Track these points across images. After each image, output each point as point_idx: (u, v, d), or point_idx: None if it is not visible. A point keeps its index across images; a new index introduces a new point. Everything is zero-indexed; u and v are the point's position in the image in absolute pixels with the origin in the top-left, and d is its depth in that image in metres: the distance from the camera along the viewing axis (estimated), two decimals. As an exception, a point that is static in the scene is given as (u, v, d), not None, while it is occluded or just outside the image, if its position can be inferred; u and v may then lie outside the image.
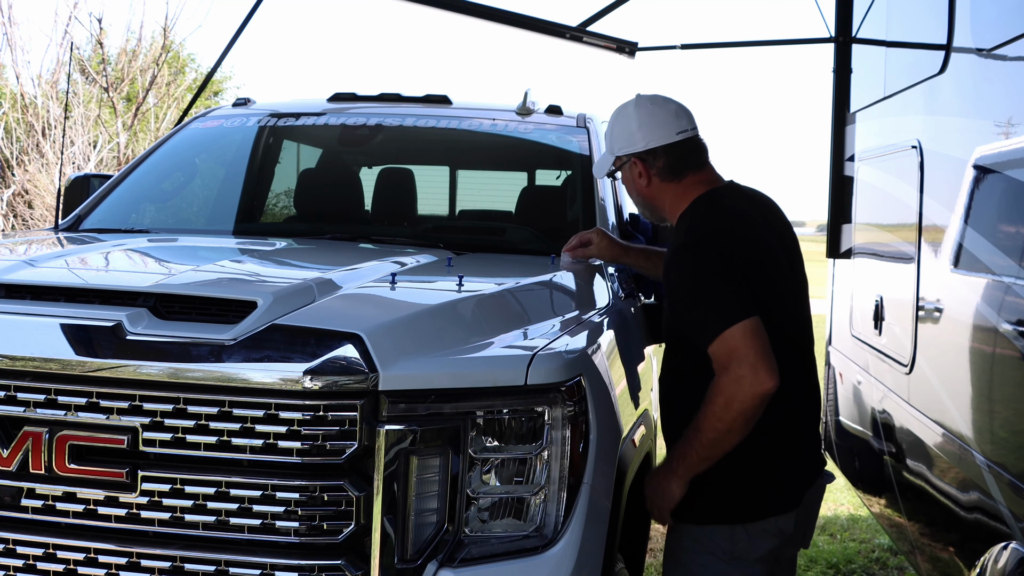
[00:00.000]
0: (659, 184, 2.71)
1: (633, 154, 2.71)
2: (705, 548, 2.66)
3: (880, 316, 4.26)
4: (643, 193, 2.75)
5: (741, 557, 2.64)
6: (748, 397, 2.43)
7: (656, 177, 2.71)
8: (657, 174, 2.71)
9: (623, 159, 2.75)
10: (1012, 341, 2.71)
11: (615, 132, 2.77)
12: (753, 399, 2.44)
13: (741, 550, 2.64)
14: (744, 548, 2.64)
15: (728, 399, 2.45)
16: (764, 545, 2.65)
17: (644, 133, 2.71)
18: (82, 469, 2.09)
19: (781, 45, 6.33)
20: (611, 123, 2.80)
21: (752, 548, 2.64)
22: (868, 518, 6.15)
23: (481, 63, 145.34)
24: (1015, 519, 2.63)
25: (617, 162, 2.76)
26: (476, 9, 5.88)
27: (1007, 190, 2.90)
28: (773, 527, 2.65)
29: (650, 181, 2.72)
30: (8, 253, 2.90)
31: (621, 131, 2.75)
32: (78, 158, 13.99)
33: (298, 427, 2.04)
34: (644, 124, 2.72)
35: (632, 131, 2.72)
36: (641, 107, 2.75)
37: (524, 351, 2.23)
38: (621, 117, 2.77)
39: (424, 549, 2.10)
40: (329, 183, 4.26)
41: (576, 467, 2.23)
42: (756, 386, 2.42)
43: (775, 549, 2.69)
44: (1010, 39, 2.91)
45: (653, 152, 2.71)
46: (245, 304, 2.19)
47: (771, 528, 2.65)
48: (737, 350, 2.44)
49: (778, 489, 2.66)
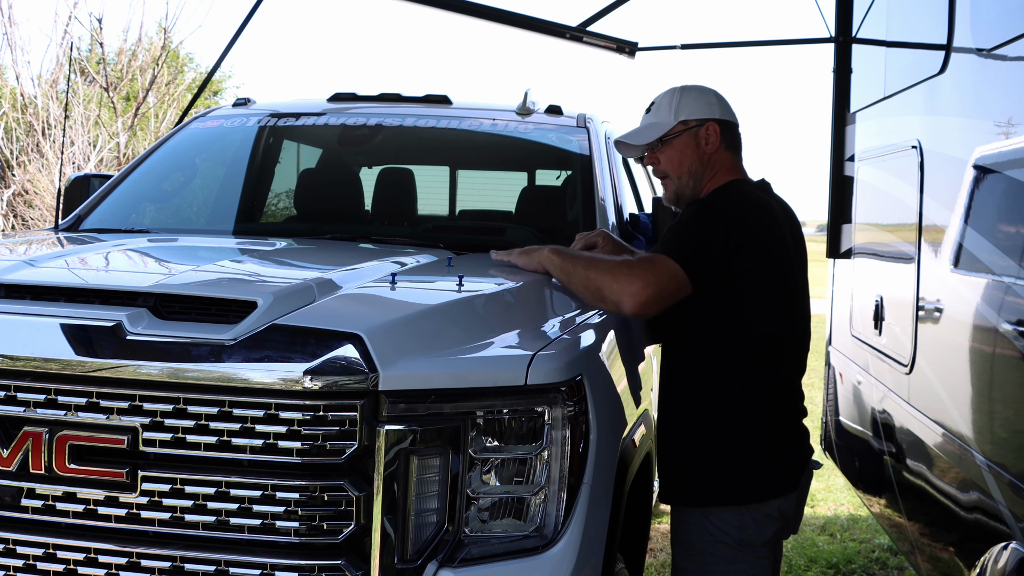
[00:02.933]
0: (722, 152, 2.90)
1: (712, 119, 2.90)
2: (715, 536, 2.72)
3: (880, 316, 4.26)
4: (704, 158, 2.89)
5: (750, 543, 2.72)
6: (604, 287, 2.62)
7: (722, 144, 2.90)
8: (724, 142, 2.91)
9: (691, 123, 2.89)
10: (1012, 341, 2.71)
11: (685, 101, 2.92)
12: (607, 294, 2.62)
13: (750, 535, 2.72)
14: (752, 533, 2.72)
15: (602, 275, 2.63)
16: (769, 529, 2.75)
17: (722, 106, 2.94)
18: (82, 469, 2.09)
19: (781, 45, 6.33)
20: (677, 95, 2.93)
21: (759, 533, 2.73)
22: (868, 518, 6.15)
23: (481, 63, 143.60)
24: (1015, 519, 2.63)
25: (680, 126, 2.89)
26: (476, 9, 5.88)
27: (1007, 190, 2.90)
28: (776, 510, 2.75)
29: (717, 147, 2.90)
30: (8, 253, 2.90)
31: (695, 100, 2.92)
32: (78, 158, 13.99)
33: (298, 427, 2.04)
34: (722, 101, 2.95)
35: (711, 102, 2.92)
36: (713, 89, 2.98)
37: (524, 351, 2.23)
38: (695, 91, 2.94)
39: (424, 549, 2.10)
40: (329, 183, 4.26)
41: (576, 467, 2.23)
42: (627, 296, 2.59)
43: (776, 533, 2.79)
44: (1010, 39, 2.91)
45: (727, 123, 2.92)
46: (245, 304, 2.19)
47: (774, 512, 2.74)
48: (653, 270, 2.61)
49: (780, 471, 2.77)
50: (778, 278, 2.76)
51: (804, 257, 2.94)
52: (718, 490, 2.73)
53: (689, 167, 2.90)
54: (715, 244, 2.65)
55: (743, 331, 2.71)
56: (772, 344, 2.75)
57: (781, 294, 2.77)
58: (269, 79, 39.11)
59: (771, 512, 2.75)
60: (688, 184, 2.92)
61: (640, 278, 2.59)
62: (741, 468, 2.72)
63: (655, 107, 2.96)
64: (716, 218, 2.69)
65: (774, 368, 2.76)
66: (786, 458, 2.79)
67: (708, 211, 2.73)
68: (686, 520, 2.79)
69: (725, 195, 2.80)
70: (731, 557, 2.73)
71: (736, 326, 2.71)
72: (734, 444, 2.71)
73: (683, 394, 2.81)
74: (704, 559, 2.75)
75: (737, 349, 2.72)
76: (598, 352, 2.54)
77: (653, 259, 2.65)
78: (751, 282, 2.69)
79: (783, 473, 2.78)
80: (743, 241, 2.67)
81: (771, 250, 2.74)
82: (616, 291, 2.61)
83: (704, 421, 2.75)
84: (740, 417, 2.72)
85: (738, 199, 2.78)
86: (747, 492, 2.73)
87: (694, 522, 2.77)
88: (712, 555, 2.74)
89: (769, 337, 2.74)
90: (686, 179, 2.92)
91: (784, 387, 2.79)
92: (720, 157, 2.90)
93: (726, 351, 2.73)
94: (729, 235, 2.66)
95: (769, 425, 2.75)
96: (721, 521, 2.72)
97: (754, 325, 2.72)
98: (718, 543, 2.73)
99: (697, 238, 2.67)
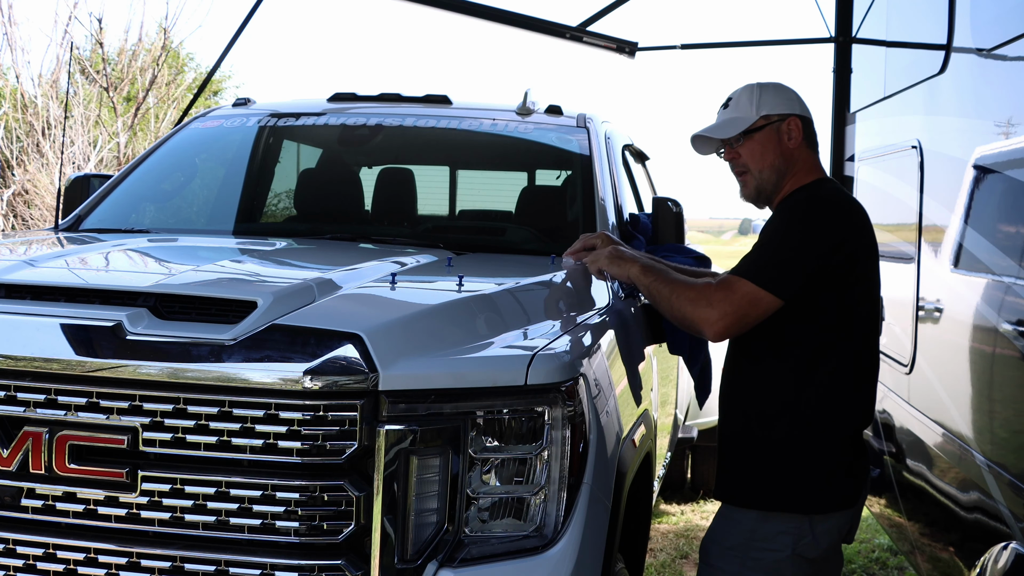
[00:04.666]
0: (804, 148, 2.86)
1: (794, 114, 2.86)
2: (765, 545, 2.63)
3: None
4: (787, 153, 2.85)
5: (801, 555, 2.63)
6: (686, 314, 2.64)
7: (804, 141, 2.87)
8: (806, 138, 2.88)
9: (773, 118, 2.85)
10: (1012, 341, 2.71)
11: (764, 97, 2.89)
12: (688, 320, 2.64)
13: (804, 547, 2.63)
14: (806, 546, 2.63)
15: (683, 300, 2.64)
16: (823, 543, 2.66)
17: (801, 103, 2.91)
18: (82, 469, 2.09)
19: (781, 45, 6.34)
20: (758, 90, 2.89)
21: (813, 546, 2.64)
22: (868, 518, 6.15)
23: (481, 63, 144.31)
24: (1015, 519, 2.63)
25: (761, 120, 2.85)
26: (476, 9, 5.88)
27: (1007, 190, 2.90)
28: (835, 525, 2.67)
29: (800, 143, 2.86)
30: (8, 253, 2.90)
31: (775, 95, 2.89)
32: (78, 158, 13.99)
33: (298, 427, 2.04)
34: (800, 98, 2.92)
35: (792, 98, 2.89)
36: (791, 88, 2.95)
37: (524, 351, 2.22)
38: (772, 87, 2.91)
39: (424, 549, 2.10)
40: (329, 183, 4.26)
41: (576, 467, 2.23)
42: (698, 314, 2.61)
43: (826, 550, 2.68)
44: (1010, 39, 2.91)
45: (807, 120, 2.89)
46: (245, 304, 2.19)
47: (833, 526, 2.66)
48: (735, 296, 2.59)
49: (849, 482, 2.70)
50: (875, 281, 2.74)
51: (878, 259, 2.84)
52: (783, 495, 2.64)
53: (772, 161, 2.85)
54: (813, 252, 2.60)
55: (848, 336, 2.66)
56: (868, 350, 2.72)
57: (877, 297, 2.76)
58: (269, 79, 39.17)
59: (830, 527, 2.66)
60: (770, 179, 2.85)
61: (718, 307, 2.59)
62: (816, 475, 2.64)
63: (733, 102, 2.90)
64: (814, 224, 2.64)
65: (866, 374, 2.72)
66: (854, 468, 2.71)
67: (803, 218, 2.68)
68: (738, 519, 2.69)
69: (817, 197, 2.74)
70: (774, 568, 2.63)
71: (842, 330, 2.65)
72: (816, 449, 2.64)
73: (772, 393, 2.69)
74: (744, 563, 2.65)
75: (840, 353, 2.65)
76: (598, 352, 2.54)
77: (731, 286, 2.61)
78: (855, 283, 2.66)
79: (853, 485, 2.70)
80: (842, 242, 2.62)
81: (871, 251, 2.71)
82: (698, 320, 2.62)
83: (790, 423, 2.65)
84: (830, 423, 2.65)
85: (834, 200, 2.73)
86: (814, 502, 2.64)
87: (747, 523, 2.67)
88: (755, 560, 2.64)
89: (866, 343, 2.71)
90: (768, 173, 2.85)
91: (862, 394, 2.72)
92: (802, 154, 2.86)
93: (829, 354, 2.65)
94: (831, 239, 2.61)
95: (852, 434, 2.70)
96: (777, 528, 2.63)
97: (857, 330, 2.67)
98: (767, 551, 2.63)
99: (788, 251, 2.63)
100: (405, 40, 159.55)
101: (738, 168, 2.90)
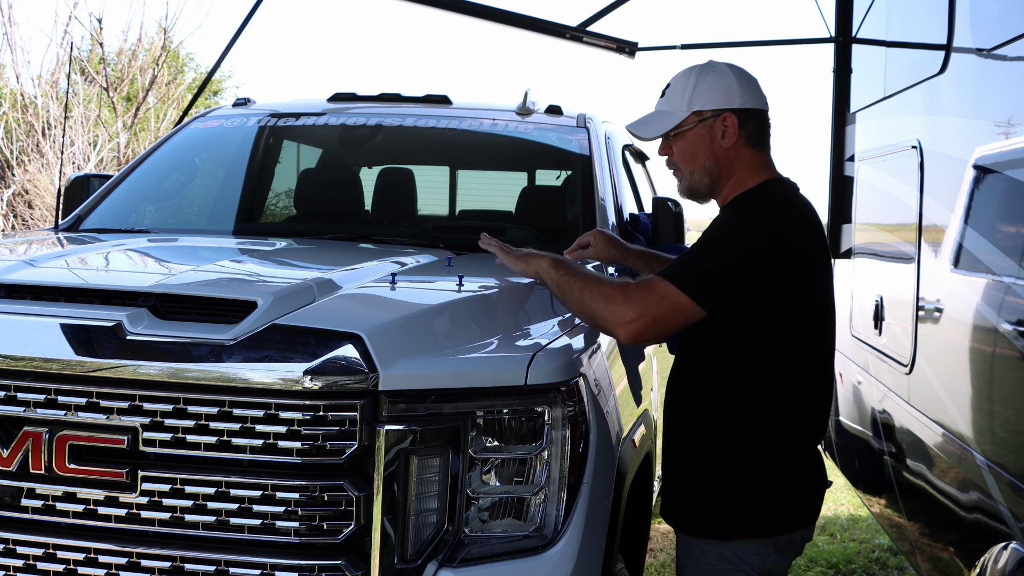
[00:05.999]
0: (742, 147, 2.56)
1: (728, 109, 2.55)
2: (733, 565, 2.52)
3: (880, 316, 4.26)
4: (720, 154, 2.56)
5: (770, 571, 2.55)
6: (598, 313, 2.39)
7: (742, 139, 2.56)
8: (745, 136, 2.56)
9: (705, 115, 2.55)
10: (1012, 341, 2.71)
11: (701, 87, 2.57)
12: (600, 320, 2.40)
13: (771, 564, 2.54)
14: (773, 562, 2.54)
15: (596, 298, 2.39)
16: (790, 557, 2.58)
17: (744, 91, 2.57)
18: (82, 469, 2.09)
19: (781, 45, 6.34)
20: (693, 79, 2.59)
21: (781, 562, 2.55)
22: (868, 518, 6.15)
23: (481, 63, 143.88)
24: (1015, 519, 2.63)
25: (692, 119, 2.56)
26: (476, 9, 5.88)
27: (1007, 190, 2.90)
28: (798, 538, 2.57)
29: (735, 141, 2.56)
30: (8, 253, 2.90)
31: (712, 86, 2.57)
32: (78, 158, 13.99)
33: (298, 427, 2.04)
34: (743, 83, 2.58)
35: (731, 87, 2.56)
36: (737, 69, 2.61)
37: (524, 351, 2.23)
38: (711, 73, 2.59)
39: (424, 549, 2.10)
40: (329, 183, 4.26)
41: (576, 467, 2.23)
42: (611, 314, 2.37)
43: (794, 557, 2.63)
44: (1010, 39, 2.91)
45: (748, 112, 2.56)
46: (245, 304, 2.19)
47: (796, 539, 2.57)
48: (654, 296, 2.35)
49: (809, 498, 2.58)
50: (824, 295, 2.54)
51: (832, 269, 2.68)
52: (745, 522, 2.49)
53: (703, 163, 2.58)
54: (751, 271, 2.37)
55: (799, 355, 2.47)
56: (821, 364, 2.55)
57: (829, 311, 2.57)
58: (269, 79, 39.04)
59: (794, 540, 2.56)
60: (702, 180, 2.61)
61: (635, 306, 2.34)
62: (772, 499, 2.49)
63: (669, 91, 2.62)
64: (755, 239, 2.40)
65: (808, 390, 2.52)
66: (814, 484, 2.58)
67: (744, 233, 2.43)
68: (701, 548, 2.54)
69: (761, 207, 2.49)
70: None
71: (792, 349, 2.46)
72: (765, 473, 2.47)
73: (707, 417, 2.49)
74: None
75: (792, 373, 2.47)
76: (598, 352, 2.54)
77: (652, 286, 2.37)
78: (803, 303, 2.46)
79: (810, 500, 2.57)
80: (786, 260, 2.39)
81: (813, 264, 2.48)
82: (609, 319, 2.37)
83: (732, 447, 2.47)
84: (783, 444, 2.48)
85: (779, 211, 2.48)
86: (776, 524, 2.51)
87: (712, 550, 2.52)
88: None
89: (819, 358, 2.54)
90: (699, 175, 2.60)
91: (817, 409, 2.54)
92: (740, 153, 2.56)
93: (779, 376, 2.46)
94: (774, 257, 2.38)
95: (802, 452, 2.53)
96: (744, 552, 2.50)
97: (807, 348, 2.49)
98: (736, 571, 2.51)
99: (723, 265, 2.38)
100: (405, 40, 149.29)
101: (670, 164, 2.65)
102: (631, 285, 2.41)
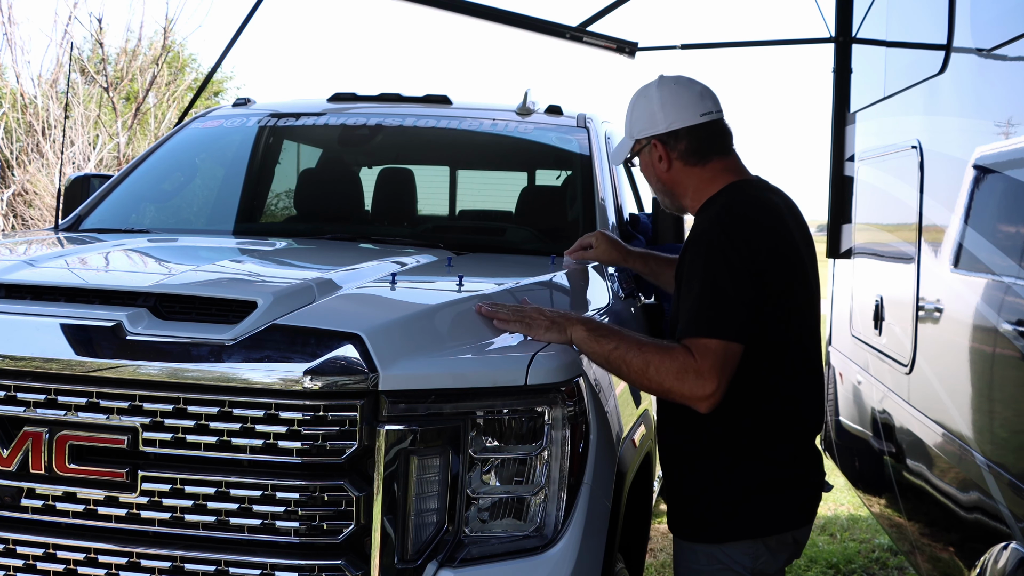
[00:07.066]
0: (681, 168, 2.59)
1: (654, 136, 2.59)
2: (725, 566, 2.53)
3: (880, 316, 4.26)
4: (663, 178, 2.62)
5: (762, 572, 2.55)
6: (674, 390, 2.33)
7: (678, 161, 2.58)
8: (679, 157, 2.58)
9: (643, 142, 2.62)
10: (1012, 341, 2.71)
11: (635, 115, 2.64)
12: (675, 395, 2.34)
13: (763, 564, 2.55)
14: (765, 562, 2.55)
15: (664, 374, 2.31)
16: (783, 557, 2.59)
17: (667, 114, 2.58)
18: (82, 469, 2.09)
19: (781, 45, 6.34)
20: (632, 105, 2.66)
21: (773, 562, 2.56)
22: (868, 518, 6.15)
23: (481, 63, 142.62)
24: (1015, 519, 2.63)
25: (636, 146, 2.63)
26: (476, 9, 5.88)
27: (1007, 190, 2.90)
28: (791, 538, 2.57)
29: (671, 165, 2.59)
30: (8, 253, 2.90)
31: (642, 113, 2.62)
32: (78, 158, 14.00)
33: (298, 427, 2.04)
34: (667, 104, 2.59)
35: (654, 112, 2.59)
36: (664, 87, 2.62)
37: (524, 351, 2.23)
38: (642, 98, 2.64)
39: (424, 549, 2.10)
40: (329, 183, 4.26)
41: (576, 467, 2.23)
42: (689, 390, 2.31)
43: (788, 558, 2.63)
44: (1010, 39, 2.91)
45: (675, 134, 2.58)
46: (245, 304, 2.19)
47: (788, 540, 2.57)
48: (707, 356, 2.31)
49: (801, 500, 2.58)
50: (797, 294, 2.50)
51: (813, 255, 2.64)
52: (736, 525, 2.50)
53: (655, 185, 2.68)
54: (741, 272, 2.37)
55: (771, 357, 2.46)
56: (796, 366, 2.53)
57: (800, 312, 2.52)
58: (269, 79, 39.05)
59: (786, 540, 2.56)
60: (664, 198, 2.71)
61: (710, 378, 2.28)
62: (762, 501, 2.50)
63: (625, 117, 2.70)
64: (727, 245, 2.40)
65: (797, 390, 2.53)
66: (808, 485, 2.58)
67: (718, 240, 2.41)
68: (694, 549, 2.57)
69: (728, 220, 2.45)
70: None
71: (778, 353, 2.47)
72: (755, 476, 2.48)
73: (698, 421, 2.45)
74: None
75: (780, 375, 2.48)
76: (598, 352, 2.53)
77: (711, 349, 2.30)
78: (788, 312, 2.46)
79: (804, 502, 2.57)
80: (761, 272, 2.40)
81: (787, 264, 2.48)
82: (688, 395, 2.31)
83: (718, 450, 2.49)
84: (762, 446, 2.49)
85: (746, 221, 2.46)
86: (767, 525, 2.52)
87: (703, 552, 2.55)
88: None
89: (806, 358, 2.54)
90: (659, 195, 2.72)
91: (802, 405, 2.54)
92: (683, 173, 2.59)
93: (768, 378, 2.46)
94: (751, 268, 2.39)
95: (793, 454, 2.54)
96: (735, 553, 2.51)
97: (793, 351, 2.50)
98: (727, 570, 2.52)
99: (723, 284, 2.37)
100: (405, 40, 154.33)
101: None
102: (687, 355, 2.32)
